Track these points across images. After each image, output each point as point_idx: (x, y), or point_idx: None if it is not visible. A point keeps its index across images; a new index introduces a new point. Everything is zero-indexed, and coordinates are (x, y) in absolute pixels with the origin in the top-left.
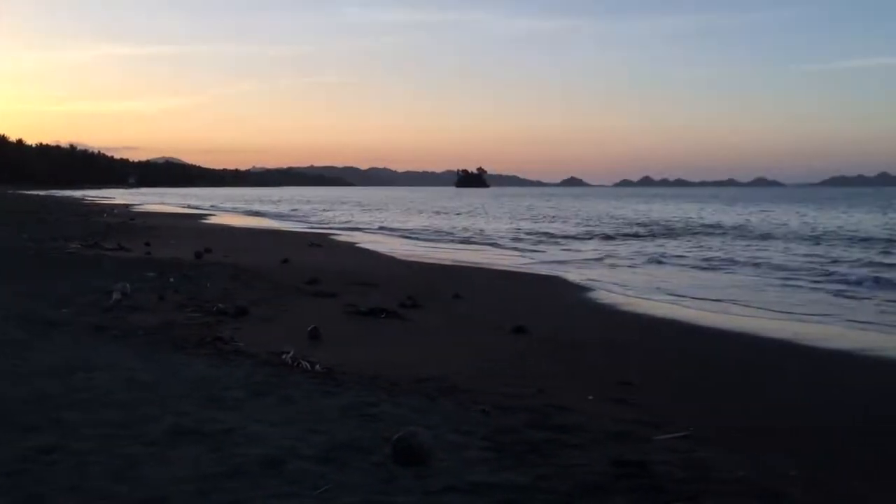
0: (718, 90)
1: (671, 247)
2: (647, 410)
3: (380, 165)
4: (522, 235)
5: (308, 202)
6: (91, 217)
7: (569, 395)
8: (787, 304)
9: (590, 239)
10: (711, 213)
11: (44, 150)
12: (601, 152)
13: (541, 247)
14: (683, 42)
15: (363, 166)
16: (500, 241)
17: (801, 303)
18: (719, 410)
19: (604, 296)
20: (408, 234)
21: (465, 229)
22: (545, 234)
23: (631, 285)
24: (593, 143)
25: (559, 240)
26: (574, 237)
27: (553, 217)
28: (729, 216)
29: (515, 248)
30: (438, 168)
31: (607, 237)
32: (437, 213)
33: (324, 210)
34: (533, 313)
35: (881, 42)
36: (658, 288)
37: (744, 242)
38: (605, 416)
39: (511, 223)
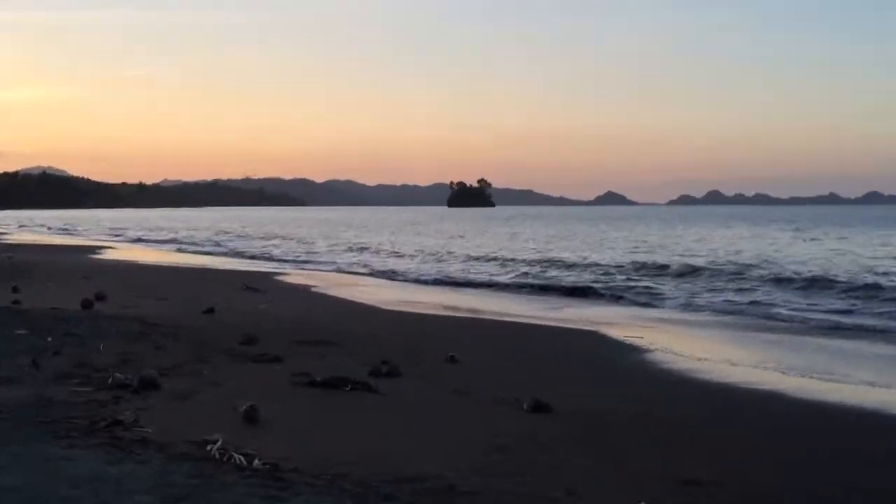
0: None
1: (749, 295)
2: None
3: (342, 177)
4: (541, 272)
5: (242, 228)
6: None
7: (611, 498)
8: None
9: (632, 278)
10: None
11: None
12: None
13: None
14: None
15: (319, 178)
16: (510, 281)
17: None
18: None
19: (655, 358)
20: (380, 273)
21: (460, 263)
22: (574, 271)
23: (692, 344)
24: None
25: (590, 281)
26: (611, 275)
27: (591, 249)
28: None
29: (533, 291)
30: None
31: (656, 275)
32: (420, 239)
33: (264, 239)
34: (559, 383)
35: None
36: (733, 348)
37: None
38: None
39: (527, 255)
